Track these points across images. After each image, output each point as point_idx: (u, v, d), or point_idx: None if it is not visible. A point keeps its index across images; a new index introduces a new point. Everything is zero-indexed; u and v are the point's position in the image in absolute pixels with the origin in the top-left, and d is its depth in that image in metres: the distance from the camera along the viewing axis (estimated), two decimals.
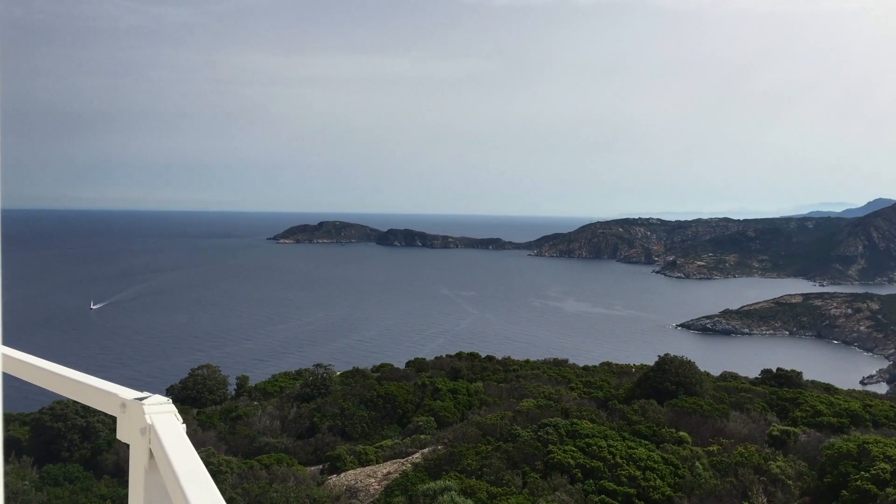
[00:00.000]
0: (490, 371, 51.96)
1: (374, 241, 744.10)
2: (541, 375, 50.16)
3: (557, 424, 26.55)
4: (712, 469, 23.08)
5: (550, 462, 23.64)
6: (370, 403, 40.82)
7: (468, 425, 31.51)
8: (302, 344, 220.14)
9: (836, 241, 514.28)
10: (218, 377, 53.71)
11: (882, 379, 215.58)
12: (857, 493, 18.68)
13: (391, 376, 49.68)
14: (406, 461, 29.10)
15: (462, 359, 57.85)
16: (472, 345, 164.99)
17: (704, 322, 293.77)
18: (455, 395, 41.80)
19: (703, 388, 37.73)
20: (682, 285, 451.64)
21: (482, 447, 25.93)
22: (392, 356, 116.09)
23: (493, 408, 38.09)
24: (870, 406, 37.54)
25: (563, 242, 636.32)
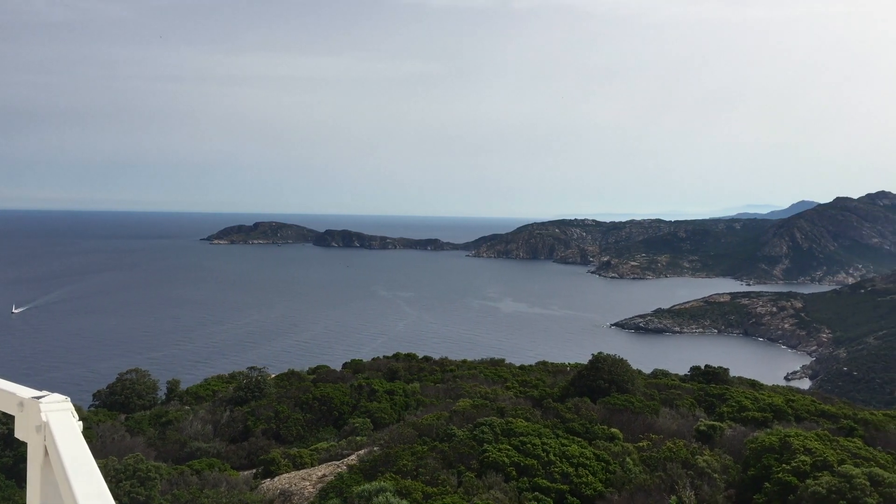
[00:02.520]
0: (427, 372, 51.98)
1: (311, 241, 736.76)
2: (477, 375, 50.43)
3: (493, 424, 26.71)
4: (642, 464, 23.57)
5: (485, 461, 23.76)
6: (305, 406, 40.35)
7: (404, 426, 31.45)
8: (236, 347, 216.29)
9: (762, 241, 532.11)
10: (147, 382, 52.27)
11: (805, 375, 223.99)
12: (778, 486, 19.33)
13: (327, 378, 49.22)
14: (342, 463, 28.87)
15: (399, 360, 57.73)
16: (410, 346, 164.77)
17: (637, 321, 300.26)
18: (392, 396, 41.68)
19: (634, 386, 38.51)
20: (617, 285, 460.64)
21: (418, 448, 25.91)
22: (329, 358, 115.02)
23: (429, 408, 38.09)
24: (792, 401, 38.93)
25: (501, 243, 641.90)
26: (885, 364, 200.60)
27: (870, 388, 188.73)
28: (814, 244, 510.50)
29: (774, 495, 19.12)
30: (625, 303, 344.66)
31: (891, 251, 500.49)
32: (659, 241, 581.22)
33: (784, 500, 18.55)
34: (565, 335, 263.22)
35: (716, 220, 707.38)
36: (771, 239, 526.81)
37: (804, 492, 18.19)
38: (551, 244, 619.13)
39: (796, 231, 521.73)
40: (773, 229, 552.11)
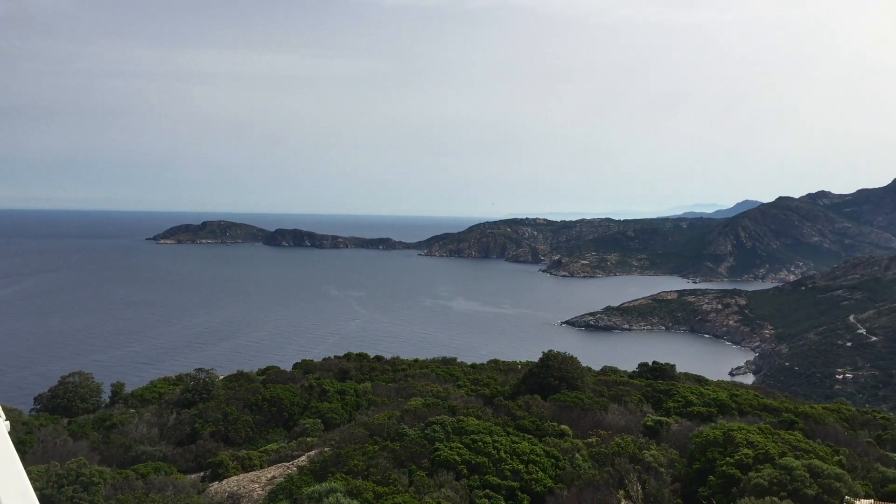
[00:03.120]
0: (379, 371, 51.81)
1: (261, 241, 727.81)
2: (429, 374, 50.47)
3: (444, 422, 26.76)
4: (591, 460, 23.88)
5: (437, 459, 23.79)
6: (255, 407, 39.85)
7: (355, 426, 31.30)
8: (183, 348, 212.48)
9: (708, 240, 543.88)
10: (91, 384, 50.99)
11: (749, 370, 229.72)
12: (722, 478, 19.77)
13: (277, 379, 48.68)
14: (292, 464, 28.60)
15: (350, 359, 57.42)
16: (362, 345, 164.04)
17: (588, 319, 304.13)
18: (343, 396, 41.43)
19: (584, 383, 38.99)
20: (567, 284, 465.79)
21: (369, 447, 25.81)
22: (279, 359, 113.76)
23: (381, 408, 37.98)
24: (736, 396, 39.89)
25: (453, 242, 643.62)
26: (825, 359, 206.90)
27: (810, 383, 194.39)
28: (757, 243, 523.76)
29: (718, 488, 19.56)
30: (575, 301, 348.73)
31: (830, 249, 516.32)
32: (609, 240, 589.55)
33: (727, 492, 19.00)
34: (517, 333, 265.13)
35: (663, 219, 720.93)
36: (716, 238, 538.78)
37: (747, 484, 18.64)
38: (503, 243, 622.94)
39: (740, 230, 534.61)
40: (719, 228, 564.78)
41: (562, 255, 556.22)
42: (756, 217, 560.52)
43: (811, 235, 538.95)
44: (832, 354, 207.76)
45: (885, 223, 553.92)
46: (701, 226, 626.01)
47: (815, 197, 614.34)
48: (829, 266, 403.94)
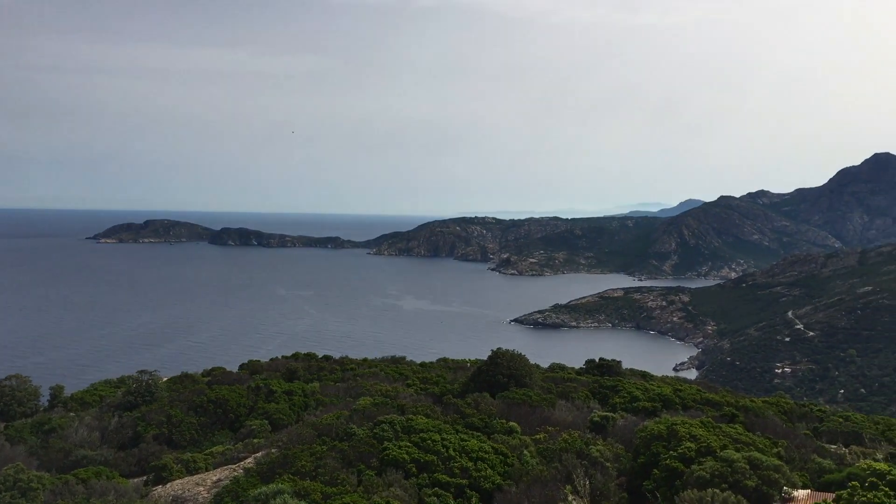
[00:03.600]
0: (327, 371, 51.42)
1: (206, 240, 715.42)
2: (378, 373, 50.29)
3: (393, 421, 26.70)
4: (539, 456, 24.12)
5: (385, 459, 23.73)
6: (200, 409, 39.16)
7: (303, 426, 31.01)
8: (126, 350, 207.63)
9: (653, 238, 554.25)
10: (28, 388, 49.38)
11: (692, 365, 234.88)
12: (666, 472, 20.17)
13: (223, 380, 47.92)
14: (238, 466, 28.20)
15: (298, 359, 56.87)
16: (310, 345, 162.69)
17: (536, 317, 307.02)
18: (290, 396, 41.01)
19: (532, 380, 39.33)
20: (516, 282, 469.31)
21: (317, 448, 25.60)
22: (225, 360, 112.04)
23: (329, 408, 37.71)
24: (680, 391, 40.74)
25: (403, 241, 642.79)
26: (765, 354, 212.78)
27: (751, 377, 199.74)
28: (700, 241, 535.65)
29: (662, 481, 19.95)
30: (524, 299, 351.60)
31: (770, 247, 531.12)
32: (556, 239, 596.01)
33: (671, 485, 19.38)
34: (466, 332, 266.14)
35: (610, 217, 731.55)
36: (661, 236, 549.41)
37: (689, 477, 19.04)
38: (452, 242, 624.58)
39: (684, 228, 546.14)
40: (663, 227, 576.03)
41: (511, 253, 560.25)
42: (699, 216, 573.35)
43: (752, 234, 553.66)
44: (771, 349, 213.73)
45: (821, 221, 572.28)
46: (646, 224, 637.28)
47: (755, 196, 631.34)
48: (768, 263, 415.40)
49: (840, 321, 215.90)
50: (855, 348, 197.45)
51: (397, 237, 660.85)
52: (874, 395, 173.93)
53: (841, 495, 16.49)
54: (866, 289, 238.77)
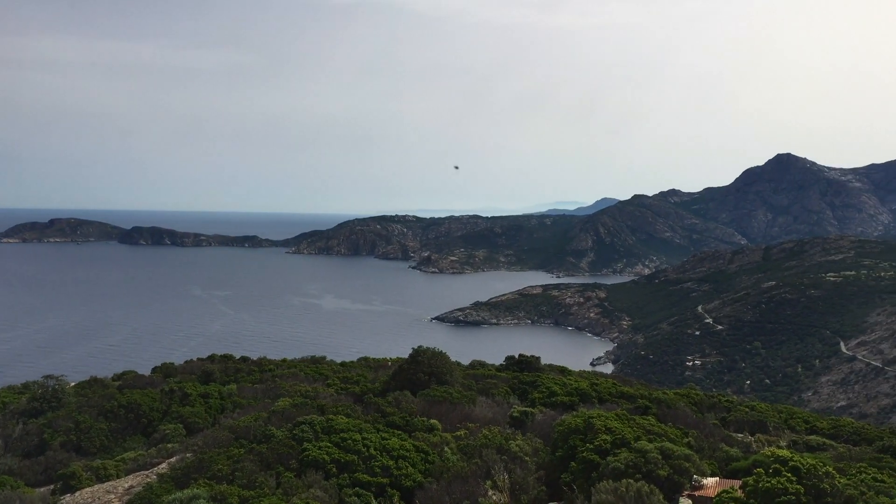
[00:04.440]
0: (245, 372, 50.36)
1: (116, 239, 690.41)
2: (298, 374, 49.59)
3: (313, 422, 26.37)
4: (460, 452, 24.27)
5: (305, 460, 23.42)
6: (111, 414, 37.74)
7: (220, 429, 30.29)
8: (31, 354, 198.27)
9: (570, 236, 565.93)
10: None
11: (608, 360, 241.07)
12: (583, 464, 20.62)
13: (135, 384, 46.31)
14: (151, 472, 27.31)
15: (215, 361, 55.51)
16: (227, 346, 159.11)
17: (457, 314, 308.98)
18: (206, 399, 39.98)
19: (453, 377, 39.52)
20: (437, 280, 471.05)
21: (234, 451, 25.04)
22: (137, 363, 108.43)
23: (247, 410, 36.94)
24: (596, 385, 41.71)
25: (322, 240, 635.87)
26: (677, 347, 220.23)
27: (664, 370, 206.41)
28: (615, 238, 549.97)
29: (579, 473, 20.37)
30: (445, 297, 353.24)
31: (681, 244, 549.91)
32: (477, 237, 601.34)
33: (588, 477, 19.81)
34: (387, 330, 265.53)
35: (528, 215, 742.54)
36: (578, 234, 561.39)
37: (605, 468, 19.51)
38: (373, 240, 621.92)
39: (600, 226, 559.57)
40: (580, 225, 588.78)
41: (431, 251, 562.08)
42: (614, 214, 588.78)
43: (663, 231, 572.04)
44: (683, 343, 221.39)
45: (728, 219, 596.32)
46: (564, 223, 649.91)
47: (666, 195, 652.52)
48: (679, 260, 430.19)
49: (746, 315, 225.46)
50: (760, 341, 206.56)
51: (316, 236, 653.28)
52: (778, 385, 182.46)
53: (747, 482, 17.21)
54: (770, 283, 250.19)
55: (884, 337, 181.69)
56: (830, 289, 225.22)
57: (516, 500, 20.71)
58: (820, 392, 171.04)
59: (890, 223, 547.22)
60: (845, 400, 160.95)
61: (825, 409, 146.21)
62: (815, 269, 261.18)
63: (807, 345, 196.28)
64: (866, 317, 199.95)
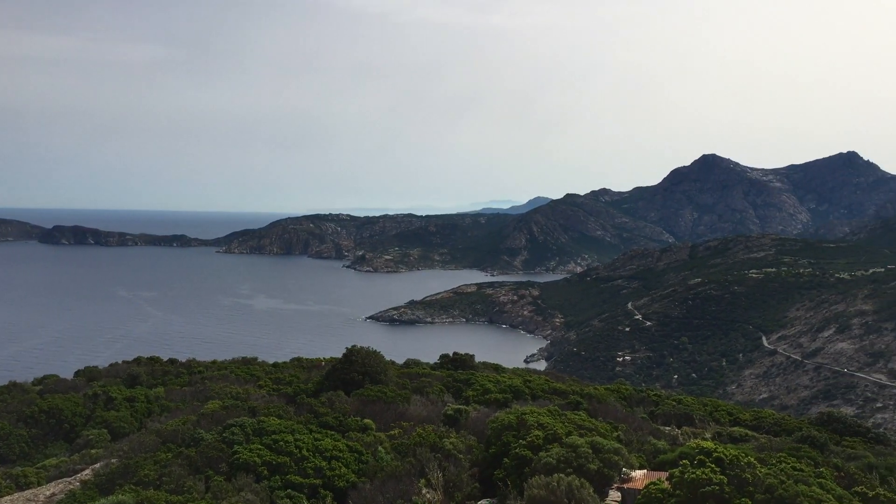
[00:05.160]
0: (173, 375, 49.17)
1: (36, 239, 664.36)
2: (229, 375, 48.67)
3: (244, 424, 25.92)
4: (394, 451, 24.21)
5: (236, 463, 23.01)
6: (31, 420, 36.32)
7: (146, 434, 29.48)
8: None
9: (504, 235, 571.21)
10: None
11: (541, 357, 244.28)
12: (516, 460, 20.84)
13: (57, 389, 44.67)
14: (74, 479, 26.39)
15: (141, 364, 54.04)
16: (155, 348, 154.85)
17: (391, 313, 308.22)
18: (132, 403, 38.86)
19: (387, 377, 39.42)
20: (371, 279, 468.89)
21: (161, 455, 24.42)
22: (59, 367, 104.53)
23: (175, 413, 36.07)
24: (529, 381, 42.23)
25: (254, 239, 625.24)
26: (608, 343, 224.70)
27: (595, 366, 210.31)
28: (548, 237, 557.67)
29: (512, 469, 20.58)
30: (379, 296, 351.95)
31: (611, 242, 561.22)
32: (411, 235, 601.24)
33: (520, 472, 20.03)
34: (321, 330, 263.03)
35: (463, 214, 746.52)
36: (512, 232, 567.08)
37: (537, 463, 19.77)
38: (306, 239, 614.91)
39: (533, 225, 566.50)
40: (514, 223, 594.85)
41: (366, 250, 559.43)
42: (547, 213, 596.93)
43: (595, 229, 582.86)
44: (614, 339, 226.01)
45: (657, 218, 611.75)
46: (498, 221, 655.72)
47: (597, 194, 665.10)
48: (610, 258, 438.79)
49: (674, 311, 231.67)
50: (687, 336, 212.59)
51: (248, 235, 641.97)
52: (704, 379, 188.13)
53: (673, 473, 17.67)
54: (696, 280, 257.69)
55: (802, 331, 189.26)
56: (753, 285, 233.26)
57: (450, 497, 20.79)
58: (743, 385, 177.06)
59: (808, 222, 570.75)
60: (767, 392, 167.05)
61: (748, 402, 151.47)
62: (739, 267, 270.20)
63: (731, 339, 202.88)
64: (786, 312, 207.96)
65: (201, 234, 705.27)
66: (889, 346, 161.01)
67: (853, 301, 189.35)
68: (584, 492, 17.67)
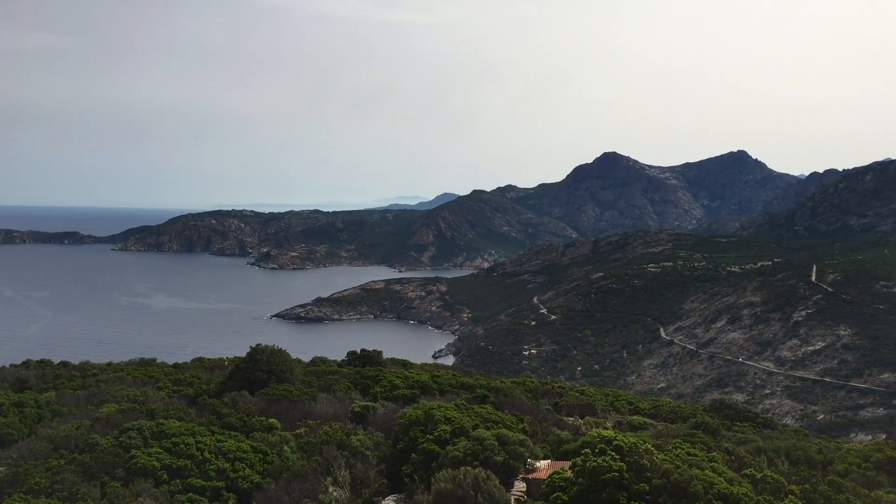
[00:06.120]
0: (65, 378, 46.88)
1: None
2: (126, 378, 46.80)
3: (142, 427, 25.04)
4: (300, 451, 23.90)
5: (133, 467, 22.20)
6: None
7: (37, 440, 28.05)
8: None
9: (412, 231, 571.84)
10: None
11: (449, 352, 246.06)
12: (423, 454, 20.94)
13: None
14: None
15: (30, 367, 51.22)
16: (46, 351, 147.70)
17: (298, 311, 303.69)
18: (21, 408, 36.81)
19: (293, 375, 38.83)
20: (277, 276, 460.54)
21: (53, 462, 23.31)
22: None
23: (68, 418, 34.42)
24: (437, 377, 42.45)
25: (152, 236, 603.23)
26: (514, 338, 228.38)
27: (502, 360, 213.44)
28: (456, 233, 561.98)
29: (420, 464, 20.67)
30: (285, 293, 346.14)
31: (517, 238, 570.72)
32: (318, 232, 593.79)
33: (428, 467, 20.14)
34: (224, 329, 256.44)
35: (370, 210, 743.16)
36: (420, 228, 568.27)
37: (444, 457, 19.92)
38: (208, 236, 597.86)
39: (441, 221, 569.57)
40: (422, 219, 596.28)
41: (271, 247, 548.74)
42: (454, 209, 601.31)
43: (501, 225, 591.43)
44: (520, 333, 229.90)
45: (561, 214, 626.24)
46: (405, 217, 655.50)
47: (503, 190, 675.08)
48: (516, 253, 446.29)
49: (577, 305, 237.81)
50: (590, 329, 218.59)
51: (146, 231, 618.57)
52: (606, 371, 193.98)
53: (576, 462, 18.16)
54: (598, 275, 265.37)
55: (697, 322, 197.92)
56: (651, 279, 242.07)
57: (357, 494, 20.69)
58: (643, 375, 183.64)
59: (702, 217, 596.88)
60: (665, 382, 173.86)
61: (647, 391, 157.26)
62: (638, 261, 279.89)
63: (631, 331, 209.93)
64: (682, 304, 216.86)
65: (95, 230, 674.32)
66: (776, 335, 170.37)
67: (743, 293, 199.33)
68: (490, 483, 17.93)
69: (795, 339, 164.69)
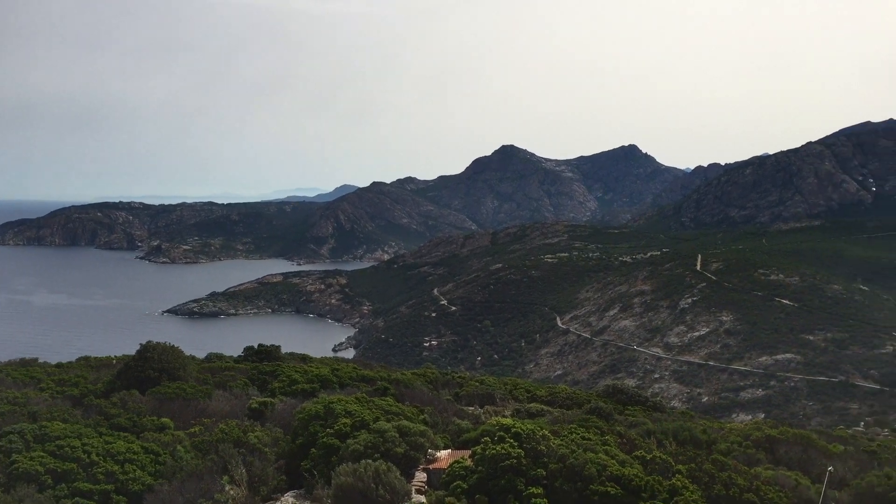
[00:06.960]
0: None
1: None
2: (4, 379, 44.04)
3: (23, 430, 23.68)
4: (195, 450, 23.19)
5: (14, 473, 20.97)
6: None
7: None
8: None
9: (311, 223, 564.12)
10: None
11: (350, 345, 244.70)
12: (323, 449, 20.74)
13: None
14: None
15: None
16: None
17: (192, 306, 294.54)
18: None
19: (187, 372, 37.60)
20: (168, 270, 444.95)
21: None
22: None
23: None
24: (337, 370, 42.09)
25: (32, 229, 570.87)
26: (415, 329, 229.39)
27: (403, 352, 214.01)
28: (356, 225, 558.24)
29: (320, 459, 20.48)
30: (178, 288, 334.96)
31: (417, 230, 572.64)
32: (212, 225, 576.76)
33: (328, 461, 19.99)
34: (112, 326, 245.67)
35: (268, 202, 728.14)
36: (319, 221, 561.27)
37: (345, 451, 19.81)
38: (93, 229, 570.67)
39: (340, 213, 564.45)
40: (321, 212, 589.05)
41: (161, 240, 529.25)
42: (354, 201, 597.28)
43: (401, 217, 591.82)
44: (421, 325, 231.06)
45: (461, 206, 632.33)
46: (304, 209, 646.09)
47: (403, 182, 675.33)
48: (416, 245, 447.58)
49: (477, 296, 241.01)
50: (489, 319, 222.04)
51: (25, 225, 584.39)
52: (505, 360, 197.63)
53: (475, 451, 18.42)
54: (497, 266, 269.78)
55: (591, 311, 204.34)
56: (548, 269, 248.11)
57: (255, 492, 20.28)
58: (540, 363, 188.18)
59: (596, 209, 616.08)
60: (561, 369, 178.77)
61: (545, 379, 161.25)
62: (536, 252, 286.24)
63: (529, 321, 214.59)
64: (577, 294, 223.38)
65: None
66: (664, 322, 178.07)
67: (634, 282, 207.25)
68: (390, 475, 17.95)
69: (682, 325, 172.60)
